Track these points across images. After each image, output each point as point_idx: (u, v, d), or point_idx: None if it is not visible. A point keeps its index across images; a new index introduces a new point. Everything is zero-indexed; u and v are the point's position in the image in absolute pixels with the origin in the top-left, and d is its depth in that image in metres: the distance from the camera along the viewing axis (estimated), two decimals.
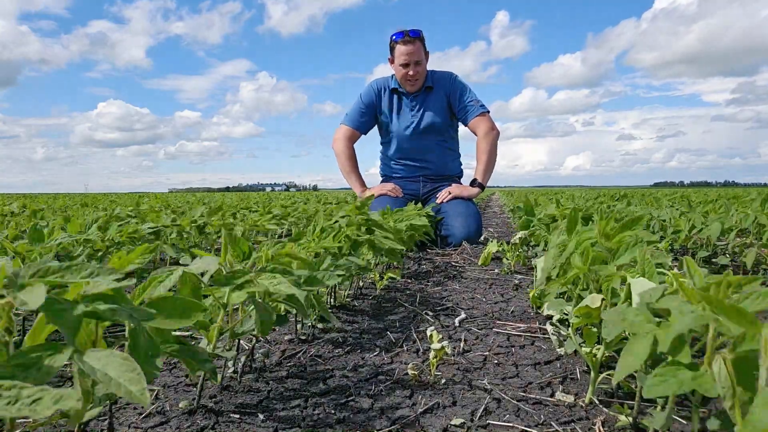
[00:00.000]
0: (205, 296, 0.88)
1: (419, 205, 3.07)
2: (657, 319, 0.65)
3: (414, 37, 3.18)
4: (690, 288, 0.59)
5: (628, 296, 0.82)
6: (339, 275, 1.09)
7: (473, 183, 3.34)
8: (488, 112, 3.35)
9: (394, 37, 3.21)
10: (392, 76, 3.39)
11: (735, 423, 0.50)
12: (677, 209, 3.60)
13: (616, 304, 0.88)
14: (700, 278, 0.63)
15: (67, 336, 0.46)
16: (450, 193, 3.24)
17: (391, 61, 3.30)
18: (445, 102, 3.37)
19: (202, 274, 0.78)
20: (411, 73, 3.22)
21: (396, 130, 3.45)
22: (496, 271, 2.33)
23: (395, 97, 3.40)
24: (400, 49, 3.18)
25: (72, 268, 0.48)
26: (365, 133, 3.54)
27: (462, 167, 3.70)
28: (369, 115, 3.45)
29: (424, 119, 3.37)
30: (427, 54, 3.29)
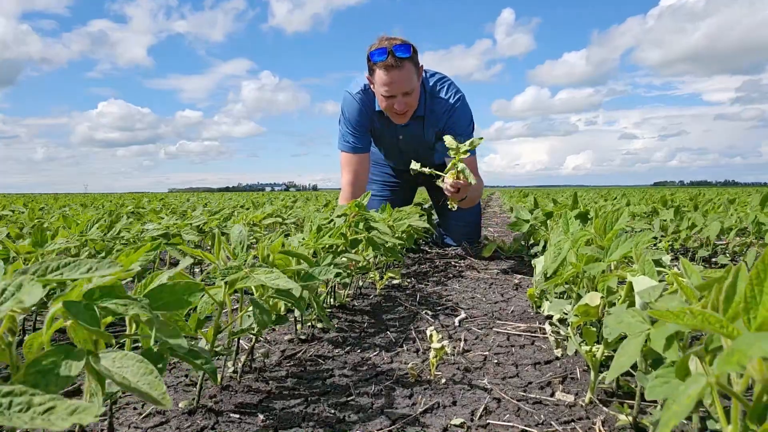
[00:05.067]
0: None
1: (417, 207, 3.06)
2: (652, 319, 0.65)
3: (402, 58, 2.24)
4: (688, 287, 0.59)
5: (628, 295, 0.82)
6: (337, 272, 1.09)
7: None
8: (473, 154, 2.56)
9: (372, 56, 2.28)
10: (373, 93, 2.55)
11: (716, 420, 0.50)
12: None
13: (614, 303, 0.88)
14: (696, 277, 0.63)
15: (89, 333, 0.46)
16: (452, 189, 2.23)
17: (371, 82, 2.44)
18: (438, 137, 2.57)
19: (194, 274, 0.78)
20: (398, 107, 2.38)
21: (384, 146, 2.93)
22: (496, 271, 2.33)
23: (382, 118, 2.64)
24: (381, 76, 2.30)
25: (71, 265, 0.48)
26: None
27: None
28: (365, 131, 2.69)
29: (415, 150, 2.77)
30: (420, 71, 2.42)
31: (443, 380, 1.02)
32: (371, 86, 2.48)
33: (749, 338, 0.38)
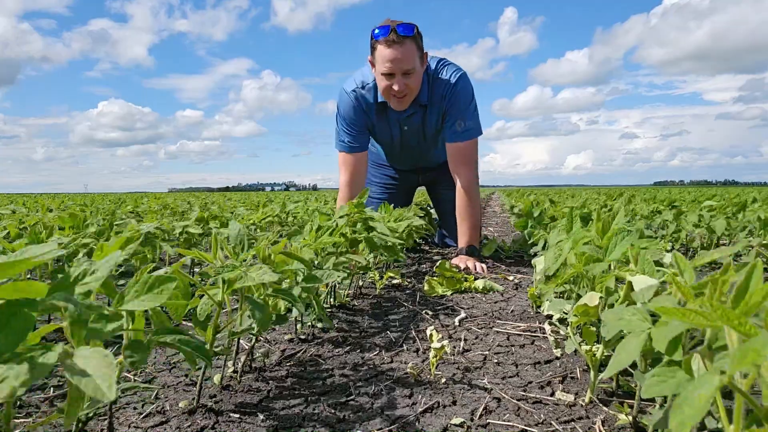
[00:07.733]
0: (201, 296, 0.88)
1: (417, 206, 3.06)
2: (653, 318, 0.65)
3: (403, 35, 2.20)
4: (684, 286, 0.59)
5: (627, 295, 0.82)
6: (338, 274, 1.09)
7: (471, 252, 2.46)
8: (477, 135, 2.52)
9: (375, 34, 2.24)
10: (373, 81, 2.48)
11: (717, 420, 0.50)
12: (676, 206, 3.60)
13: (613, 304, 0.88)
14: (690, 275, 0.63)
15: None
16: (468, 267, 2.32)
17: (372, 64, 2.36)
18: (440, 122, 2.57)
19: (193, 273, 0.78)
20: (396, 87, 2.28)
21: (384, 142, 2.84)
22: (495, 272, 2.33)
23: (382, 112, 2.56)
24: (381, 52, 2.23)
25: None
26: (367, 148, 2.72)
27: None
28: (361, 129, 2.61)
29: (417, 143, 2.73)
30: (423, 57, 2.33)
31: (443, 380, 1.02)
32: (372, 70, 2.41)
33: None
